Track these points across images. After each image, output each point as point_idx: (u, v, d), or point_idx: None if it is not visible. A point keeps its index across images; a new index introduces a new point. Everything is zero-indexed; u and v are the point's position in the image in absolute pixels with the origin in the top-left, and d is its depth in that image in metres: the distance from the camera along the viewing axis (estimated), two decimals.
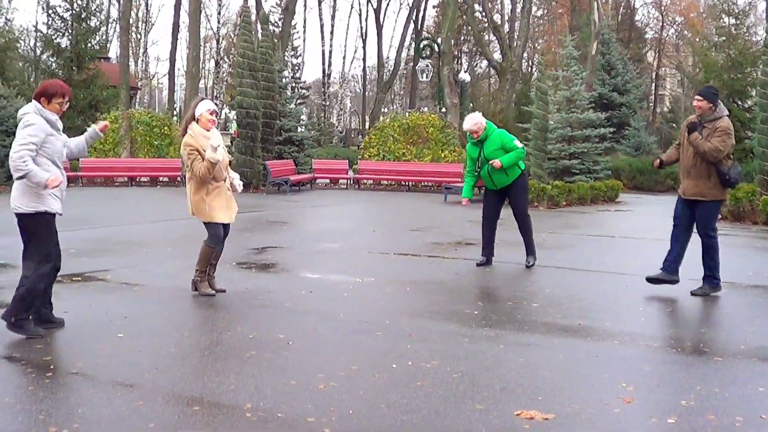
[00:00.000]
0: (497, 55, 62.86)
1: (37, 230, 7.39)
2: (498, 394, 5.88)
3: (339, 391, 5.88)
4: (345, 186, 31.75)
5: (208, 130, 9.30)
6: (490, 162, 11.57)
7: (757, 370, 6.74)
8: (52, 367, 6.40)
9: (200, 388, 5.87)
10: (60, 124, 7.45)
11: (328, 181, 32.23)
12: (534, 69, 51.72)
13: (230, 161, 9.56)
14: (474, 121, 11.83)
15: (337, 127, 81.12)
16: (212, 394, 5.74)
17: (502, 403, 5.68)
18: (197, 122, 9.31)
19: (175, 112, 60.13)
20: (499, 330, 7.96)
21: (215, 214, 9.41)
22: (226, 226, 9.69)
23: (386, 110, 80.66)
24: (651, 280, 10.11)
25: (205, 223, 9.51)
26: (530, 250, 12.05)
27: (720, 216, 19.39)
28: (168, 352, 6.91)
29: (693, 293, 9.87)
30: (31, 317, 7.41)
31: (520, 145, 11.78)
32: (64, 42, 36.78)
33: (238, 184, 9.76)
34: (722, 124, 9.59)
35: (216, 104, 14.18)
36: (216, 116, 9.56)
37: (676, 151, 10.24)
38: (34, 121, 7.18)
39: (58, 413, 5.26)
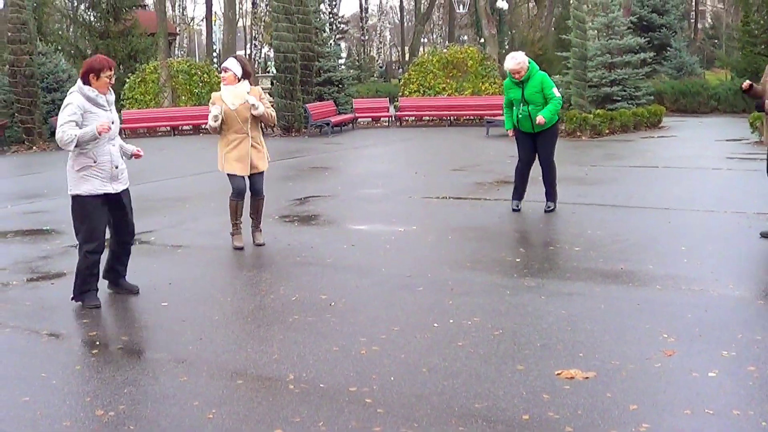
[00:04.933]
0: None
1: (74, 212, 7.61)
2: (539, 352, 5.89)
3: (380, 355, 5.93)
4: (387, 124, 31.63)
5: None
6: (536, 121, 11.14)
7: None
8: (97, 342, 6.51)
9: (243, 359, 5.94)
10: (102, 100, 7.43)
11: (369, 119, 32.10)
12: None
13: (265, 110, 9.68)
14: (517, 60, 11.25)
15: (377, 61, 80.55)
16: (255, 366, 5.80)
17: (542, 361, 5.69)
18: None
19: (214, 55, 60.15)
20: (541, 279, 7.96)
21: (228, 165, 9.80)
22: (254, 181, 9.87)
23: (425, 40, 79.90)
24: None
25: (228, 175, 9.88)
26: (552, 196, 11.68)
27: None
28: (212, 320, 6.98)
29: (763, 235, 9.39)
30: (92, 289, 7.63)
31: (558, 93, 11.35)
32: None
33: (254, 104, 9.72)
34: None
35: (255, 45, 14.23)
36: (225, 73, 9.74)
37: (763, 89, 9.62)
38: (71, 101, 7.31)
39: (105, 394, 5.35)
